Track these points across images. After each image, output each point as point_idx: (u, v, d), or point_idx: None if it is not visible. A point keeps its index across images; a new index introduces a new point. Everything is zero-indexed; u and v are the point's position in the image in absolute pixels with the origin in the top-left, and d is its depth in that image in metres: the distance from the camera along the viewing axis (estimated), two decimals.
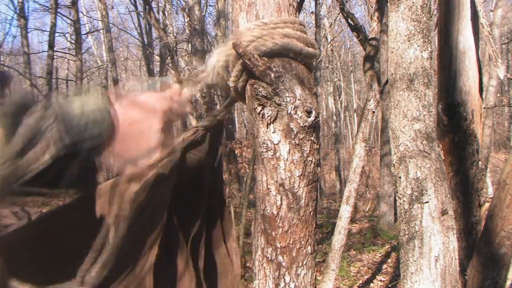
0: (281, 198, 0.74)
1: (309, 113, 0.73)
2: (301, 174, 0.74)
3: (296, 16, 0.79)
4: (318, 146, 0.77)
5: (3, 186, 0.57)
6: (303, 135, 0.74)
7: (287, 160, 0.74)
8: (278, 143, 0.74)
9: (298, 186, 0.74)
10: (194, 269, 0.86)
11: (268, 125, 0.74)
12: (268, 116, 0.74)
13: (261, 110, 0.74)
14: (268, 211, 0.75)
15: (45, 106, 0.60)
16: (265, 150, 0.75)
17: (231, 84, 0.80)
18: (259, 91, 0.73)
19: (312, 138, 0.75)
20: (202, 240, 0.89)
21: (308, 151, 0.75)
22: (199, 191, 0.89)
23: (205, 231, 0.89)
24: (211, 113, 0.88)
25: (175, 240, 0.86)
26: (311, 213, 0.76)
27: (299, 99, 0.73)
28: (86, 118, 0.61)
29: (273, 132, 0.74)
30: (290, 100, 0.73)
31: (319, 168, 0.77)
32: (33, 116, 0.59)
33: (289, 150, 0.74)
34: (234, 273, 0.90)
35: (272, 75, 0.72)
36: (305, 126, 0.73)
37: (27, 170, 0.58)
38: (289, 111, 0.73)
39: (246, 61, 0.72)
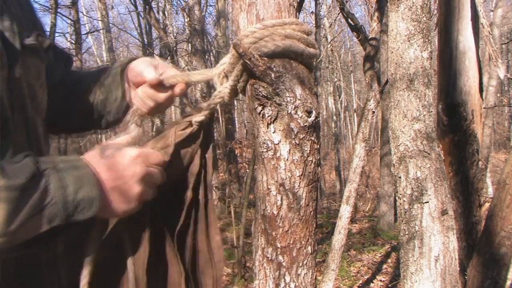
0: (281, 198, 0.74)
1: (309, 113, 0.73)
2: (302, 174, 0.74)
3: (296, 16, 0.79)
4: (318, 146, 0.77)
5: None
6: (304, 135, 0.74)
7: (287, 160, 0.74)
8: (278, 143, 0.74)
9: (299, 186, 0.74)
10: (182, 263, 0.86)
11: (268, 125, 0.74)
12: (269, 116, 0.74)
13: (261, 110, 0.74)
14: (269, 211, 0.75)
15: (46, 182, 0.68)
16: (265, 150, 0.75)
17: (230, 83, 0.80)
18: (260, 91, 0.73)
19: (313, 138, 0.75)
20: (189, 233, 0.88)
21: (308, 151, 0.75)
22: (185, 182, 0.88)
23: (192, 223, 0.88)
24: (205, 106, 0.88)
25: (161, 233, 0.85)
26: (312, 213, 0.76)
27: (299, 99, 0.73)
28: (77, 205, 0.70)
29: (273, 132, 0.74)
30: (291, 100, 0.73)
31: (319, 168, 0.77)
32: (39, 191, 0.66)
33: (290, 150, 0.74)
34: (215, 272, 0.89)
35: (273, 75, 0.72)
36: (305, 126, 0.73)
37: (14, 242, 0.66)
38: (289, 111, 0.73)
39: (247, 61, 0.72)
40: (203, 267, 0.89)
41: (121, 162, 0.75)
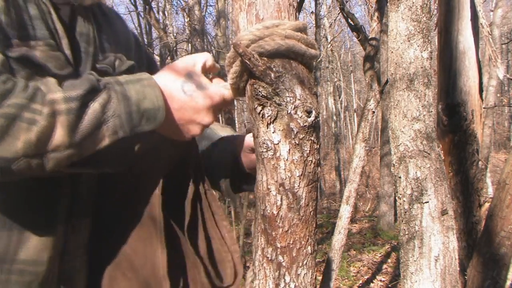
0: (281, 198, 0.74)
1: (309, 113, 0.73)
2: (301, 174, 0.74)
3: (296, 16, 0.79)
4: (318, 146, 0.76)
5: (55, 167, 0.65)
6: (303, 135, 0.74)
7: (287, 160, 0.74)
8: (278, 143, 0.74)
9: (298, 186, 0.74)
10: (197, 255, 0.86)
11: (268, 125, 0.74)
12: (268, 116, 0.74)
13: (261, 110, 0.74)
14: (268, 211, 0.75)
15: (108, 94, 0.68)
16: (265, 150, 0.75)
17: (230, 83, 0.81)
18: (259, 91, 0.73)
19: (312, 138, 0.75)
20: (199, 224, 0.88)
21: (308, 151, 0.75)
22: (185, 171, 0.89)
23: (199, 214, 0.89)
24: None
25: (172, 230, 0.86)
26: (311, 213, 0.76)
27: (299, 99, 0.73)
28: (141, 116, 0.70)
29: (273, 132, 0.74)
30: (290, 100, 0.73)
31: (319, 168, 0.77)
32: (98, 102, 0.66)
33: (289, 150, 0.74)
34: (232, 256, 0.89)
35: (272, 75, 0.72)
36: (305, 126, 0.73)
37: (82, 154, 0.66)
38: (289, 111, 0.73)
39: (246, 61, 0.72)
40: (219, 254, 0.90)
41: (196, 106, 0.77)
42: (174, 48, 9.11)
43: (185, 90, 0.76)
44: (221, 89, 0.81)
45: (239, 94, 0.81)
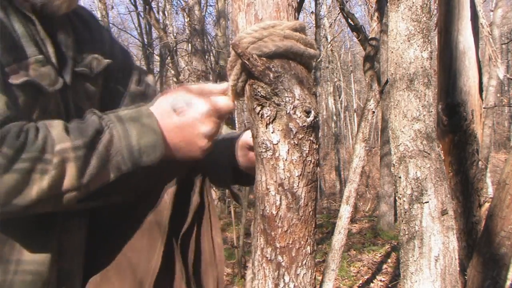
0: (280, 198, 0.74)
1: (308, 113, 0.73)
2: (300, 174, 0.74)
3: (295, 17, 0.79)
4: (317, 146, 0.76)
5: (65, 206, 0.72)
6: (302, 135, 0.74)
7: (286, 160, 0.74)
8: (277, 143, 0.74)
9: (297, 186, 0.74)
10: (183, 265, 0.86)
11: (267, 125, 0.74)
12: (267, 116, 0.74)
13: (260, 110, 0.74)
14: (268, 211, 0.75)
15: (110, 134, 0.74)
16: (264, 150, 0.75)
17: (230, 83, 0.81)
18: (258, 91, 0.73)
19: (311, 138, 0.75)
20: (193, 236, 0.89)
21: (307, 151, 0.75)
22: (191, 186, 0.89)
23: (196, 226, 0.89)
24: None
25: (169, 240, 0.86)
26: (311, 213, 0.76)
27: (298, 99, 0.73)
28: (142, 152, 0.76)
29: (272, 132, 0.74)
30: (289, 100, 0.73)
31: (318, 168, 0.77)
32: (103, 143, 0.72)
33: (288, 150, 0.74)
34: (217, 273, 0.89)
35: (271, 75, 0.72)
36: (304, 126, 0.73)
37: (89, 192, 0.73)
38: (288, 111, 0.73)
39: (245, 61, 0.72)
40: (205, 267, 0.90)
41: (191, 121, 0.79)
42: (174, 48, 9.11)
43: (175, 109, 0.79)
44: (215, 98, 0.83)
45: (239, 96, 0.81)
